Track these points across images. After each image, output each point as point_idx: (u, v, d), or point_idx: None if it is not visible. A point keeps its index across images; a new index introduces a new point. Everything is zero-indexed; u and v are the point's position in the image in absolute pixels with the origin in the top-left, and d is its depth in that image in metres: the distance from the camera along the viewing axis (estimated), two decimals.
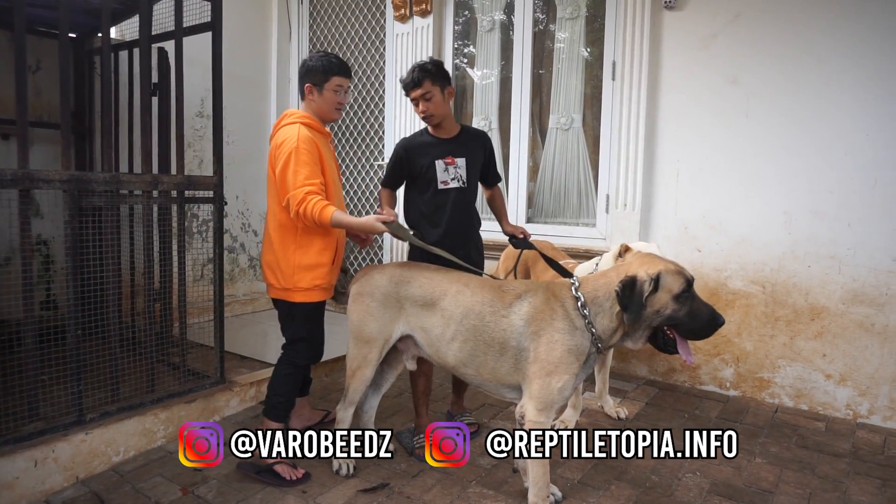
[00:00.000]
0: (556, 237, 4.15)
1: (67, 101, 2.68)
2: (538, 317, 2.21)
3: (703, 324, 2.12)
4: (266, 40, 5.62)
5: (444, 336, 2.39)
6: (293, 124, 2.68)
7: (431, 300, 2.43)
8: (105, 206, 2.82)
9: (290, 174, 2.55)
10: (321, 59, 2.75)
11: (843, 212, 3.37)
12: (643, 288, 2.08)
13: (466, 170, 2.88)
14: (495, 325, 2.28)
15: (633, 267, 2.17)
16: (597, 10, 4.20)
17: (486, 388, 2.42)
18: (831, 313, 3.42)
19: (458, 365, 2.39)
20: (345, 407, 2.68)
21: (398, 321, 2.52)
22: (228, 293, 5.29)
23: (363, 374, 2.59)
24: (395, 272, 2.53)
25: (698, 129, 3.74)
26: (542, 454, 2.22)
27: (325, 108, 2.80)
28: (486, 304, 2.32)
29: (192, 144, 4.91)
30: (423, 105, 2.80)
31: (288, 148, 2.57)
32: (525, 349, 2.23)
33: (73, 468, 2.62)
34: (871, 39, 3.24)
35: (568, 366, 2.17)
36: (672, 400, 3.62)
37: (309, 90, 2.77)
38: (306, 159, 2.57)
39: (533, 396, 2.20)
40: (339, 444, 2.69)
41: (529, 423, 2.20)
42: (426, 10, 4.68)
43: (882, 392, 3.32)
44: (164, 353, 3.27)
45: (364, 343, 2.55)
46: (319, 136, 2.75)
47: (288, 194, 2.55)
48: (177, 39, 3.18)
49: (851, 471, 2.81)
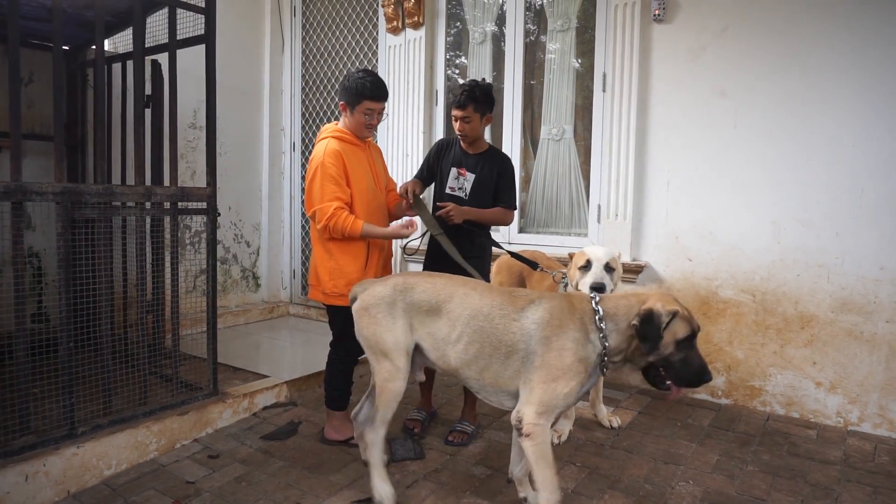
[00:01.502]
0: (548, 247, 4.18)
1: (61, 114, 2.69)
2: (553, 323, 2.21)
3: (692, 374, 2.17)
4: (259, 52, 5.65)
5: (449, 337, 2.37)
6: (324, 139, 2.94)
7: (437, 304, 2.41)
8: (98, 217, 2.82)
9: (317, 188, 2.82)
10: (357, 80, 2.88)
11: (830, 221, 3.41)
12: (661, 321, 2.12)
13: (472, 185, 3.12)
14: (504, 328, 2.27)
15: (652, 299, 2.20)
16: (587, 21, 4.25)
17: (485, 394, 2.41)
18: (821, 321, 3.46)
19: (461, 366, 2.37)
20: (375, 429, 2.50)
21: (412, 328, 2.47)
22: (221, 304, 5.28)
23: (393, 388, 2.45)
24: (396, 281, 2.51)
25: (688, 140, 3.78)
26: (546, 456, 2.19)
27: (355, 127, 2.98)
28: (496, 307, 2.32)
29: (184, 156, 4.92)
30: (461, 125, 3.06)
31: (315, 163, 2.85)
32: (533, 353, 2.22)
33: (65, 482, 2.60)
34: (856, 52, 3.30)
35: (576, 374, 2.17)
36: (664, 409, 3.64)
37: (342, 108, 2.97)
38: (332, 173, 2.81)
39: (534, 400, 2.18)
40: (378, 470, 2.51)
41: (529, 425, 2.17)
42: (418, 22, 4.72)
43: (872, 399, 3.35)
44: (156, 366, 3.26)
45: (384, 355, 2.46)
46: (351, 148, 2.94)
47: (315, 207, 2.82)
48: (170, 52, 3.19)
49: (843, 478, 2.83)
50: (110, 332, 2.91)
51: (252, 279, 5.72)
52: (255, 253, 5.72)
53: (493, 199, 3.16)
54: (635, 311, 2.18)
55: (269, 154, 5.73)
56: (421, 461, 2.91)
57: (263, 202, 5.75)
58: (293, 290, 5.86)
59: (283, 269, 5.87)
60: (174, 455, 2.97)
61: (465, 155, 3.17)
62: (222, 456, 2.96)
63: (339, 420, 3.09)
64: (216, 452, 2.99)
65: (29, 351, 2.57)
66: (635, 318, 2.15)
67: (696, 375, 2.17)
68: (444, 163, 3.20)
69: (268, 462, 2.91)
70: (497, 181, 3.14)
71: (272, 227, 5.79)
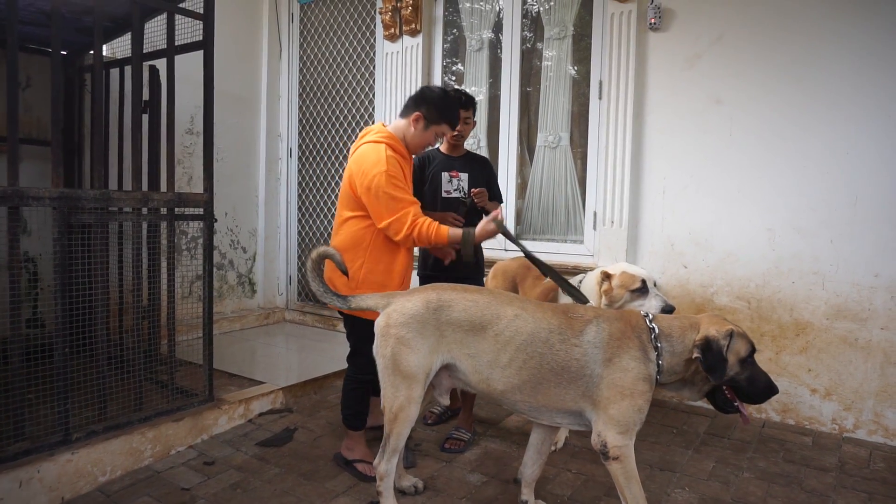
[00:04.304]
0: (545, 254, 4.19)
1: (58, 119, 2.69)
2: (613, 343, 2.17)
3: (760, 390, 2.18)
4: (256, 58, 5.66)
5: (497, 361, 2.24)
6: (376, 143, 2.65)
7: (480, 324, 2.25)
8: (94, 223, 2.82)
9: (386, 198, 2.54)
10: (445, 99, 2.74)
11: (825, 228, 3.43)
12: (721, 345, 2.12)
13: (468, 184, 3.22)
14: (566, 354, 2.18)
15: (704, 324, 2.20)
16: (584, 29, 4.28)
17: (536, 414, 2.29)
18: (816, 328, 3.47)
19: (509, 390, 2.25)
20: (387, 458, 2.35)
21: (439, 351, 2.28)
22: (217, 310, 5.26)
23: (407, 416, 2.29)
24: (429, 297, 2.29)
25: (683, 147, 3.81)
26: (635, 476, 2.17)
27: (416, 143, 2.76)
28: (555, 332, 2.20)
29: (181, 161, 4.92)
30: (462, 127, 3.16)
31: (376, 170, 2.55)
32: (597, 375, 2.17)
33: (59, 489, 2.58)
34: (851, 60, 3.33)
35: (643, 392, 2.15)
36: (660, 416, 3.64)
37: (416, 119, 2.72)
38: (399, 183, 2.57)
39: (612, 421, 2.14)
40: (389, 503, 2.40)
41: (615, 448, 2.13)
42: (415, 29, 4.75)
43: (867, 406, 3.36)
44: (152, 372, 3.25)
45: (403, 380, 2.26)
46: (400, 160, 2.68)
47: (390, 217, 2.55)
48: (169, 58, 3.20)
49: (838, 485, 2.84)
50: (106, 338, 2.90)
51: (248, 285, 5.71)
52: (251, 259, 5.72)
53: None
54: (690, 336, 2.17)
55: (266, 160, 5.74)
56: (414, 468, 2.91)
57: (260, 208, 5.75)
58: (289, 296, 5.85)
59: (279, 275, 5.87)
60: (169, 462, 2.95)
61: (450, 159, 3.27)
62: (218, 462, 2.95)
63: (353, 440, 2.90)
64: (211, 459, 2.98)
65: (24, 356, 2.56)
66: (696, 351, 2.14)
67: (765, 391, 2.18)
68: (431, 172, 3.23)
69: (263, 469, 2.90)
70: (488, 180, 3.32)
71: (268, 232, 5.79)
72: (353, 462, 2.86)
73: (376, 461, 2.39)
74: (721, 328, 2.17)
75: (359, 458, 2.86)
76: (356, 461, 2.85)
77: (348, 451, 2.90)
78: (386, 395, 2.31)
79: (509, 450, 3.14)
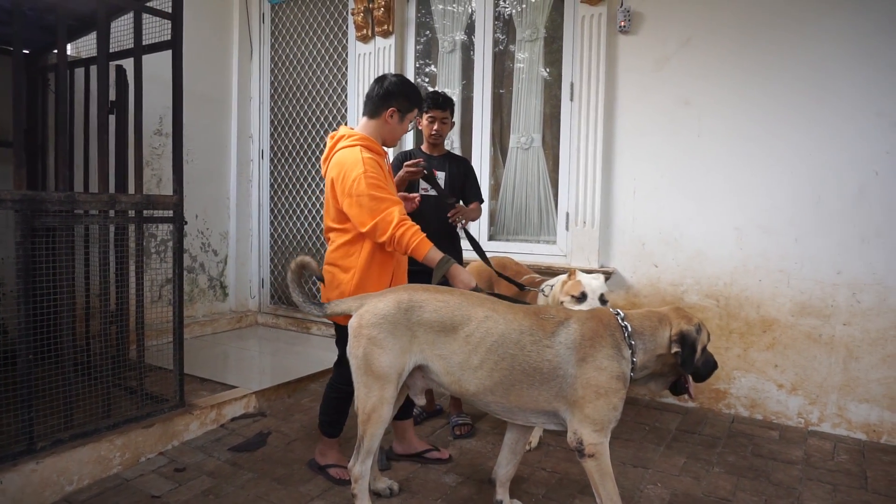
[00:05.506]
0: (518, 254, 4.21)
1: (20, 119, 2.62)
2: (586, 343, 2.18)
3: (710, 370, 2.32)
4: (227, 59, 5.59)
5: (467, 363, 2.23)
6: (351, 147, 2.61)
7: (451, 325, 2.24)
8: (59, 226, 2.75)
9: (367, 199, 2.48)
10: (407, 84, 2.72)
11: (790, 227, 3.52)
12: (695, 338, 2.21)
13: (444, 182, 3.28)
14: (538, 355, 2.18)
15: (673, 318, 2.25)
16: (555, 32, 4.32)
17: (506, 414, 2.30)
18: (781, 325, 3.56)
19: (481, 392, 2.25)
20: (361, 460, 2.34)
21: (411, 351, 2.28)
22: (188, 314, 5.19)
23: (380, 416, 2.28)
24: (399, 297, 2.29)
25: (653, 148, 3.87)
26: (610, 473, 2.19)
27: (395, 136, 2.77)
28: (526, 333, 2.20)
29: (150, 163, 4.83)
30: (440, 126, 3.29)
31: (355, 172, 2.50)
32: (571, 376, 2.17)
33: (23, 500, 2.51)
34: (813, 66, 3.43)
35: (617, 390, 2.17)
36: (633, 413, 3.69)
37: (391, 114, 2.69)
38: (380, 183, 2.52)
39: (587, 419, 2.15)
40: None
41: (590, 446, 2.15)
42: (388, 30, 4.74)
43: (831, 400, 3.45)
44: (120, 377, 3.17)
45: (375, 380, 2.26)
46: (378, 158, 2.64)
47: (373, 220, 2.47)
48: (136, 57, 3.14)
49: (804, 477, 2.91)
50: (72, 344, 2.83)
51: (220, 288, 5.63)
52: (222, 262, 5.64)
53: (464, 197, 3.40)
54: (661, 332, 2.23)
55: (238, 162, 5.67)
56: (389, 471, 2.90)
57: (231, 210, 5.67)
58: (262, 299, 5.78)
59: (251, 278, 5.79)
60: (139, 469, 2.90)
61: (430, 157, 3.35)
62: (189, 469, 2.90)
63: (327, 446, 2.87)
64: (182, 466, 2.93)
65: None
66: (675, 346, 2.20)
67: (712, 370, 2.33)
68: None
69: (236, 474, 2.87)
70: (465, 180, 3.41)
71: (240, 235, 5.72)
72: (327, 467, 2.84)
73: (350, 463, 2.38)
74: (690, 322, 2.24)
75: (332, 463, 2.84)
76: (329, 466, 2.84)
77: (322, 456, 2.88)
78: (359, 395, 2.31)
79: (484, 450, 3.16)
